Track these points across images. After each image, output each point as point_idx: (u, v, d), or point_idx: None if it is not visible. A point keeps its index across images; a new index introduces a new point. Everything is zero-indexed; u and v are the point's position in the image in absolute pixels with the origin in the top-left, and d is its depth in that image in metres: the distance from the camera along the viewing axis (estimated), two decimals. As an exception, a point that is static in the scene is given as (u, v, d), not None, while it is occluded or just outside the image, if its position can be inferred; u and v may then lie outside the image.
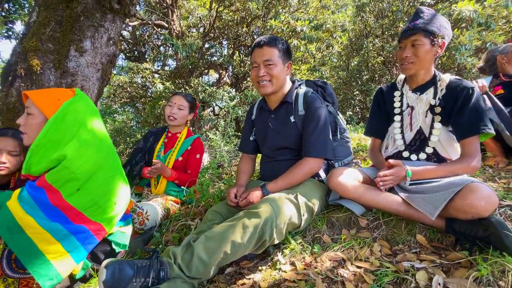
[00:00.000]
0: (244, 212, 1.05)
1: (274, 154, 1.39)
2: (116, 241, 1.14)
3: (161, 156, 1.87)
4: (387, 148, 1.38)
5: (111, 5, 2.41)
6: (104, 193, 1.09)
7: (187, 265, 0.94)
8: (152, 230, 1.47)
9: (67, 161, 1.01)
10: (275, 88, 1.31)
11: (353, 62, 5.73)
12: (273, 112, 1.40)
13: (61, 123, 1.04)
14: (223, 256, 0.96)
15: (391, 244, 1.11)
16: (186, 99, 1.91)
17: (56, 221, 0.98)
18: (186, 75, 6.09)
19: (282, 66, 1.29)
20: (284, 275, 1.00)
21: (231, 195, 1.27)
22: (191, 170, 1.86)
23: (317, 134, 1.25)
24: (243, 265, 1.15)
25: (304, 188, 1.23)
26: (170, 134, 1.95)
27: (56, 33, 2.37)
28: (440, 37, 1.17)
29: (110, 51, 2.66)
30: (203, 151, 1.94)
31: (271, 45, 1.26)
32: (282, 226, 1.05)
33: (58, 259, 0.97)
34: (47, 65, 2.34)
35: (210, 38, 6.04)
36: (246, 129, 1.55)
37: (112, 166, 1.17)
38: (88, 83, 2.56)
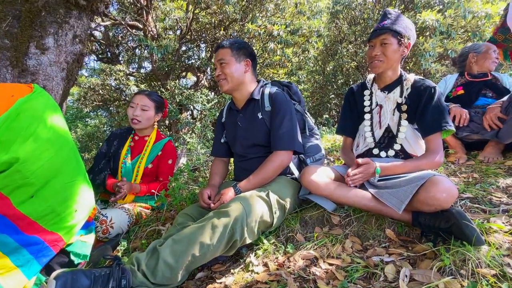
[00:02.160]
0: (213, 212, 1.02)
1: (245, 153, 1.38)
2: (75, 252, 1.04)
3: (128, 163, 1.66)
4: (358, 146, 1.41)
5: (76, 1, 2.28)
6: (63, 200, 0.99)
7: (152, 271, 0.88)
8: (118, 237, 1.37)
9: (19, 165, 0.91)
10: (231, 85, 1.33)
11: (329, 66, 5.91)
12: (241, 111, 1.40)
13: (14, 122, 0.93)
14: (191, 259, 0.92)
15: (362, 240, 1.12)
16: (150, 98, 1.70)
17: (3, 232, 0.88)
18: (163, 78, 5.93)
19: (237, 64, 1.32)
20: (256, 276, 0.97)
21: (204, 196, 1.23)
22: (163, 177, 1.69)
23: (284, 127, 1.26)
24: (214, 269, 1.10)
25: (276, 185, 1.22)
26: (136, 137, 1.74)
27: (13, 29, 2.19)
28: (406, 38, 1.22)
29: (76, 49, 2.51)
30: (176, 155, 1.77)
31: (224, 46, 1.33)
32: (254, 224, 1.03)
33: (6, 275, 0.86)
34: (3, 62, 2.15)
35: (187, 40, 5.95)
36: (217, 132, 1.54)
37: (74, 170, 1.07)
38: (52, 83, 2.39)
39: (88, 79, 6.95)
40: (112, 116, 8.26)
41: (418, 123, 1.23)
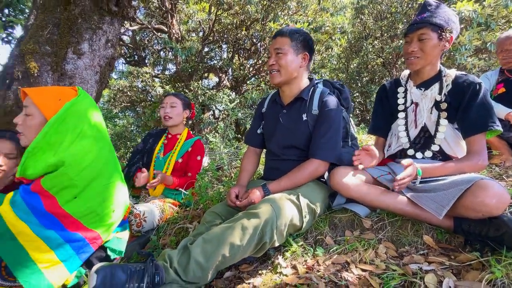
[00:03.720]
0: (243, 213, 1.01)
1: (280, 152, 1.33)
2: (112, 247, 1.09)
3: (161, 158, 1.82)
4: (390, 146, 1.34)
5: (109, 7, 2.40)
6: (102, 201, 1.04)
7: (183, 269, 0.89)
8: (149, 233, 1.42)
9: (66, 167, 0.96)
10: (284, 78, 1.26)
11: (353, 64, 5.72)
12: (286, 107, 1.34)
13: (62, 125, 0.99)
14: (221, 260, 0.92)
15: (397, 245, 1.06)
16: (178, 97, 1.87)
17: (50, 228, 0.93)
18: (186, 79, 6.09)
19: (294, 56, 1.23)
20: (285, 279, 0.95)
21: (231, 195, 1.23)
22: (192, 172, 1.81)
23: (328, 137, 1.20)
24: (242, 269, 1.10)
25: (306, 189, 1.18)
26: (170, 135, 1.91)
27: (53, 36, 2.35)
28: (448, 31, 1.13)
29: (108, 53, 2.64)
30: (204, 153, 1.89)
31: (284, 34, 1.24)
32: (283, 228, 1.01)
33: (50, 268, 0.92)
34: (45, 67, 2.32)
35: (209, 41, 6.05)
36: (255, 121, 1.49)
37: (112, 172, 1.12)
38: (87, 86, 2.54)
39: (117, 81, 7.31)
40: (138, 116, 8.62)
41: (459, 122, 1.14)
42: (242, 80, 6.46)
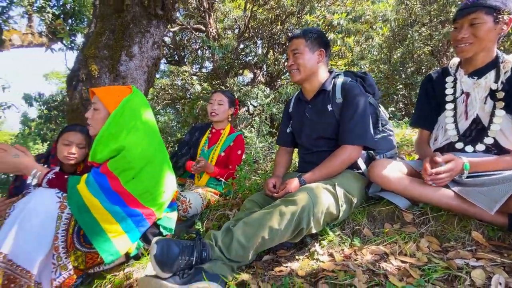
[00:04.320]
0: (281, 200, 1.07)
1: (311, 145, 1.38)
2: (163, 225, 1.24)
3: (205, 151, 1.97)
4: (436, 139, 1.27)
5: (156, 12, 2.61)
6: (155, 183, 1.19)
7: (227, 248, 0.98)
8: (194, 217, 1.56)
9: (125, 152, 1.13)
10: (303, 76, 1.33)
11: (396, 54, 5.34)
12: (309, 102, 1.39)
13: (120, 118, 1.16)
14: (261, 242, 0.99)
15: (441, 241, 1.02)
16: (225, 95, 1.99)
17: (115, 204, 1.10)
18: (222, 76, 6.29)
19: (310, 54, 1.30)
20: (322, 265, 0.99)
21: (269, 185, 1.29)
22: (232, 165, 1.93)
23: (355, 120, 1.22)
24: (280, 254, 1.16)
25: (343, 179, 1.19)
26: (214, 130, 2.05)
27: (110, 41, 2.64)
28: (506, 13, 1.03)
29: (154, 54, 2.88)
30: (244, 148, 2.01)
31: (299, 36, 1.32)
32: (320, 215, 1.04)
33: (117, 237, 1.08)
34: (103, 69, 2.63)
35: (245, 38, 6.16)
36: (283, 122, 1.57)
37: (162, 159, 1.27)
38: (136, 85, 2.81)
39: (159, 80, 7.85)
40: (178, 113, 9.16)
41: (519, 112, 1.04)
42: (276, 75, 6.47)
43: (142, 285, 0.93)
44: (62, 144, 1.57)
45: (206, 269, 0.93)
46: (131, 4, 2.55)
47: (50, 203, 1.04)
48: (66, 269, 1.04)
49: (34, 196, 1.03)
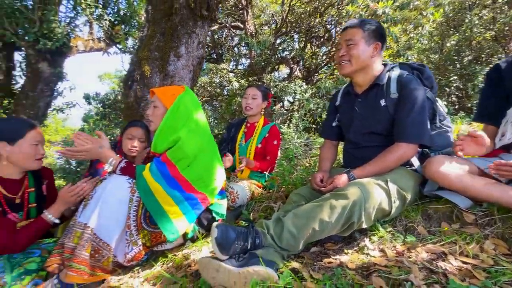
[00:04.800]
0: (331, 194, 1.08)
1: (359, 140, 1.35)
2: (215, 211, 1.34)
3: (243, 145, 2.07)
4: (503, 135, 1.16)
5: (201, 13, 2.75)
6: (207, 170, 1.30)
7: (278, 237, 1.03)
8: (240, 208, 1.65)
9: (181, 142, 1.26)
10: (354, 68, 1.28)
11: (450, 41, 4.85)
12: (360, 96, 1.36)
13: (176, 113, 1.29)
14: (312, 233, 1.02)
15: (509, 244, 0.95)
16: (259, 89, 2.06)
17: (174, 189, 1.23)
18: (259, 72, 6.36)
19: (366, 47, 1.25)
20: (373, 259, 0.99)
21: (316, 179, 1.31)
22: (270, 156, 2.00)
23: (412, 117, 1.16)
24: (327, 246, 1.18)
25: (395, 175, 1.16)
26: (248, 124, 2.14)
27: (160, 43, 2.86)
28: None
29: (199, 53, 3.04)
30: (280, 137, 2.07)
31: (355, 26, 1.26)
32: (371, 210, 1.03)
33: (177, 218, 1.21)
34: (154, 70, 2.86)
35: (282, 33, 6.13)
36: (329, 115, 1.55)
37: (212, 149, 1.38)
38: (183, 83, 3.00)
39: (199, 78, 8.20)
40: (215, 110, 9.50)
41: None
42: (314, 70, 6.33)
43: (202, 264, 1.02)
44: (127, 138, 1.78)
45: (259, 254, 1.00)
46: (179, 7, 2.72)
47: (123, 187, 1.19)
48: (136, 245, 1.19)
49: (110, 182, 1.19)
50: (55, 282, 1.13)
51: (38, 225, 1.23)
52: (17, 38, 3.62)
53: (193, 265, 1.19)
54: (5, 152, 1.24)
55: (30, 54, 3.91)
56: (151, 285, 1.12)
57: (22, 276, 1.13)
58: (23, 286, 1.12)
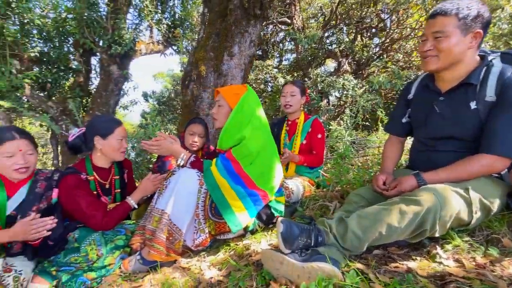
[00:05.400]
0: (400, 198, 1.03)
1: (434, 143, 1.22)
2: (274, 207, 1.39)
3: (287, 143, 2.07)
4: None
5: (254, 12, 2.82)
6: (268, 168, 1.36)
7: (341, 237, 1.04)
8: (295, 204, 1.68)
9: (245, 141, 1.32)
10: (442, 64, 1.09)
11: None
12: (444, 94, 1.18)
13: (240, 112, 1.36)
14: (378, 236, 1.00)
15: None
16: (296, 85, 2.04)
17: (238, 184, 1.31)
18: (305, 67, 6.24)
19: (461, 38, 1.04)
20: (448, 269, 0.93)
21: (379, 181, 1.26)
22: (316, 150, 1.99)
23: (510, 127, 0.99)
24: (392, 250, 1.14)
25: (478, 183, 1.04)
26: (289, 121, 2.13)
27: (215, 43, 3.02)
28: None
29: (251, 52, 3.12)
30: (324, 130, 2.03)
31: (447, 13, 1.04)
32: (447, 219, 0.96)
33: (240, 212, 1.29)
34: (209, 69, 3.03)
35: (331, 26, 5.90)
36: (398, 108, 1.41)
37: (272, 147, 1.43)
38: (235, 82, 3.12)
39: (244, 75, 8.37)
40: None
41: None
42: (365, 63, 5.96)
43: (266, 256, 1.08)
44: (188, 134, 1.94)
45: (322, 252, 1.02)
46: (233, 8, 2.82)
47: (193, 180, 1.32)
48: (204, 232, 1.31)
49: (182, 174, 1.32)
50: (138, 258, 1.31)
51: (124, 208, 1.43)
52: (94, 45, 4.18)
53: (254, 255, 1.26)
54: (99, 145, 1.47)
55: (103, 58, 4.47)
56: (217, 270, 1.23)
57: (113, 250, 1.34)
58: (114, 258, 1.33)
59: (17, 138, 1.28)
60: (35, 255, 1.35)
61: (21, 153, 1.27)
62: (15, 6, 3.48)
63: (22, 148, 1.28)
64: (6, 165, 1.25)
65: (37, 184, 1.37)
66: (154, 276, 1.25)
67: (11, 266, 1.22)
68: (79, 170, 1.46)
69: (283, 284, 1.00)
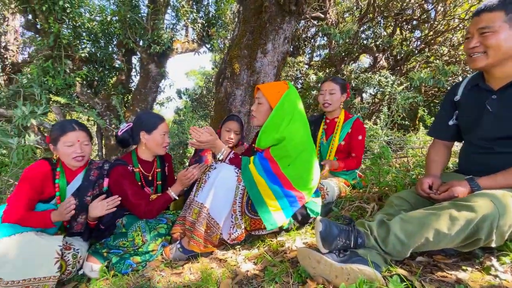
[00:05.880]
0: (450, 203, 0.97)
1: (491, 145, 1.13)
2: (311, 208, 1.38)
3: (324, 143, 1.99)
4: None
5: (290, 8, 2.79)
6: (306, 170, 1.34)
7: (383, 240, 1.00)
8: (329, 205, 1.65)
9: (285, 142, 1.32)
10: (492, 61, 1.05)
11: None
12: (496, 92, 1.12)
13: (281, 111, 1.36)
14: (424, 242, 0.95)
15: None
16: (336, 82, 1.93)
17: (275, 184, 1.32)
18: (338, 63, 6.04)
19: (510, 32, 1.00)
20: (506, 283, 0.85)
21: (424, 185, 1.19)
22: (355, 153, 1.89)
23: None
24: (437, 258, 1.07)
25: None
26: (328, 120, 2.03)
27: (249, 41, 3.04)
28: None
29: (284, 49, 3.10)
30: (365, 132, 1.92)
31: (494, 8, 1.01)
32: (506, 229, 0.88)
33: (275, 211, 1.30)
34: (243, 67, 3.07)
35: (367, 20, 5.62)
36: (444, 112, 1.33)
37: (311, 148, 1.41)
38: (267, 79, 3.13)
39: (274, 72, 8.34)
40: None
41: None
42: (404, 58, 5.60)
43: (302, 254, 1.09)
44: (225, 130, 1.99)
45: (361, 254, 0.99)
46: (268, 4, 2.82)
47: (232, 175, 1.36)
48: (240, 228, 1.35)
49: (222, 170, 1.37)
50: (178, 246, 1.40)
51: (165, 199, 1.52)
52: (135, 45, 4.45)
53: (288, 252, 1.27)
54: (144, 139, 1.57)
55: (143, 58, 4.75)
56: (252, 263, 1.26)
57: (156, 237, 1.44)
58: (156, 245, 1.43)
59: (76, 130, 1.41)
60: (89, 237, 1.50)
61: (79, 143, 1.41)
62: (69, 11, 3.83)
63: (80, 139, 1.41)
64: (66, 153, 1.39)
65: (91, 172, 1.52)
66: (193, 264, 1.32)
67: (70, 244, 1.37)
68: (126, 162, 1.59)
69: (320, 283, 1.00)
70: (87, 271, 1.37)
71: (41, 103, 3.47)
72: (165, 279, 1.22)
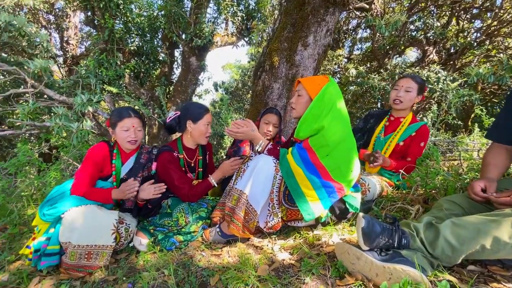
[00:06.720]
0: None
1: None
2: (349, 202, 1.36)
3: (381, 138, 1.91)
4: None
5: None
6: (345, 161, 1.32)
7: (430, 243, 0.96)
8: (369, 203, 1.60)
9: (323, 131, 1.32)
10: None
11: None
12: None
13: (321, 102, 1.35)
14: (479, 249, 0.88)
15: None
16: (415, 80, 1.81)
17: (313, 174, 1.32)
18: (381, 57, 5.67)
19: None
20: None
21: (476, 188, 1.10)
22: (411, 157, 1.80)
23: None
24: (493, 269, 0.99)
25: None
26: (392, 118, 1.94)
27: (289, 34, 3.01)
28: None
29: (326, 42, 3.01)
30: (428, 140, 1.80)
31: None
32: None
33: (313, 202, 1.31)
34: (282, 60, 3.05)
35: (418, 9, 5.17)
36: (506, 113, 1.22)
37: (351, 140, 1.38)
38: (306, 73, 3.08)
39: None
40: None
41: None
42: (460, 51, 5.07)
43: (341, 249, 1.08)
44: (263, 123, 2.02)
45: (405, 255, 0.96)
46: (312, -5, 2.75)
47: (270, 165, 1.38)
48: (277, 216, 1.38)
49: (261, 160, 1.40)
50: (218, 230, 1.47)
51: (206, 185, 1.61)
52: (178, 38, 4.66)
53: (325, 247, 1.27)
54: (190, 128, 1.67)
55: (185, 51, 4.96)
56: (288, 253, 1.28)
57: (197, 220, 1.53)
58: (197, 227, 1.52)
59: (132, 116, 1.55)
60: (138, 214, 1.65)
61: (134, 128, 1.55)
62: (122, 7, 4.14)
63: (134, 125, 1.55)
64: (122, 137, 1.54)
65: (142, 156, 1.66)
66: (231, 248, 1.38)
67: (123, 219, 1.53)
68: (172, 148, 1.70)
69: (359, 279, 0.99)
70: (136, 244, 1.52)
71: (96, 92, 3.84)
72: (206, 259, 1.30)
